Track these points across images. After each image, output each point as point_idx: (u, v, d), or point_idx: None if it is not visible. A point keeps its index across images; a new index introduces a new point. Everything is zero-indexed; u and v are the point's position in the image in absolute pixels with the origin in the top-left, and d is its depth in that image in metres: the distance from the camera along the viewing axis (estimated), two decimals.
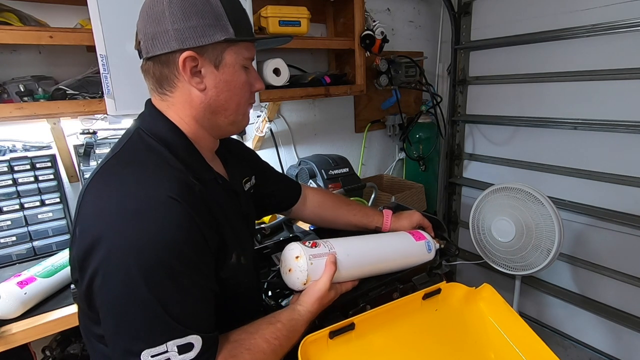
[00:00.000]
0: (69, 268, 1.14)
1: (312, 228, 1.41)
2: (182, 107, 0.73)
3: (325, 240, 0.86)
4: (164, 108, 0.74)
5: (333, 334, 0.73)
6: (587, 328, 1.99)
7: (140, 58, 0.74)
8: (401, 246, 0.97)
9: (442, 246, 1.06)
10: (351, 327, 0.75)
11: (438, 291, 0.88)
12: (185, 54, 0.68)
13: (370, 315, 0.78)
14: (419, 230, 1.07)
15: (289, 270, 0.80)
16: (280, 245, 1.13)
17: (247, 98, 0.78)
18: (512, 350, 0.83)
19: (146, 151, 0.70)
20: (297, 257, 0.79)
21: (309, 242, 0.83)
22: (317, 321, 0.79)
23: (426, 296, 0.86)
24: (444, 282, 0.91)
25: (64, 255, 1.20)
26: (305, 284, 0.79)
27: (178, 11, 0.67)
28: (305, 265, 0.78)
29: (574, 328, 2.06)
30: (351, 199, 1.51)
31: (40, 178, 1.35)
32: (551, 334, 2.14)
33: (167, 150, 0.70)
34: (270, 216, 1.59)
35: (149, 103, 0.77)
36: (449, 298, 0.89)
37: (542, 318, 2.20)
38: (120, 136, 0.77)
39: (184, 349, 0.60)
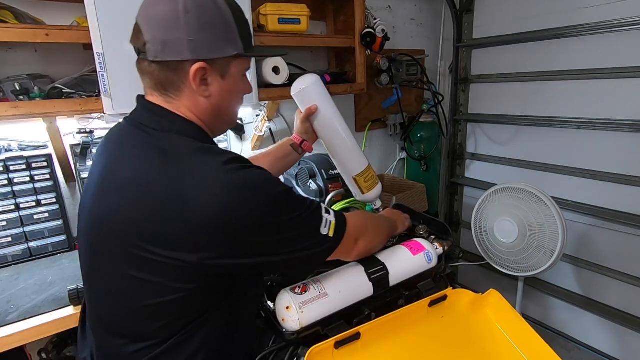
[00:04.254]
0: None
1: None
2: (186, 109, 0.75)
3: (314, 279, 0.87)
4: (170, 108, 0.74)
5: (338, 344, 0.71)
6: (591, 330, 1.98)
7: (138, 55, 0.72)
8: (398, 267, 0.94)
9: (446, 248, 1.04)
10: (357, 336, 0.74)
11: (444, 298, 0.86)
12: (197, 65, 0.69)
13: (375, 324, 0.76)
14: (416, 241, 1.02)
15: (283, 320, 0.82)
16: None
17: (241, 102, 0.86)
18: (520, 357, 0.81)
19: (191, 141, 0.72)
20: (287, 308, 0.81)
21: (299, 287, 0.84)
22: (322, 330, 0.78)
23: (432, 303, 0.85)
24: (450, 288, 0.90)
25: None
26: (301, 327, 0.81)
27: (195, 22, 0.68)
28: (296, 315, 0.79)
29: (577, 330, 2.05)
30: (351, 199, 1.48)
31: (36, 178, 1.33)
32: (554, 336, 2.13)
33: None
34: None
35: (150, 102, 0.74)
36: (455, 305, 0.88)
37: (546, 320, 2.19)
38: None
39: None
